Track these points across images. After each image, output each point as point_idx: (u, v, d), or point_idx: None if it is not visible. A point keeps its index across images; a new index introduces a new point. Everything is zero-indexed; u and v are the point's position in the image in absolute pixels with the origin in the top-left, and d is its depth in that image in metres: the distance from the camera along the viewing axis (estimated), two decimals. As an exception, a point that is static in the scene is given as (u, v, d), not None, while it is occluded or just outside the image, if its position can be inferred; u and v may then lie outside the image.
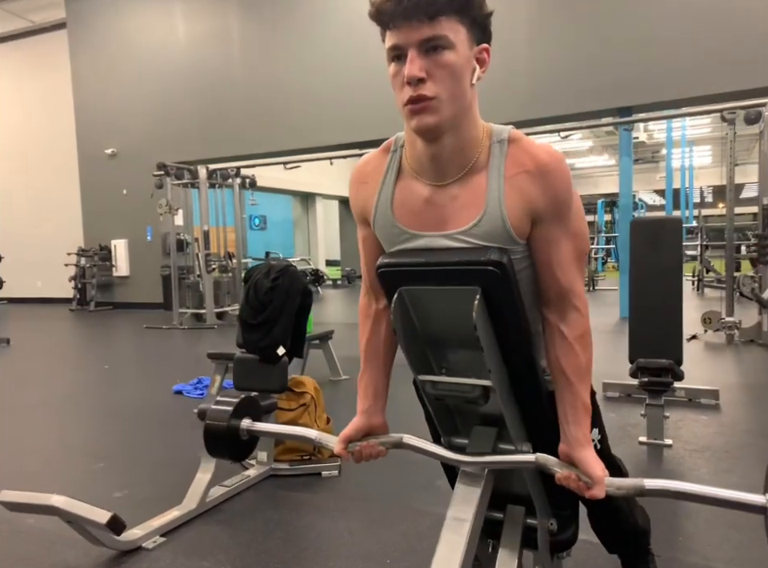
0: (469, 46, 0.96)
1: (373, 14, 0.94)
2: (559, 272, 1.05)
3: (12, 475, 2.75)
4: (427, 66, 0.92)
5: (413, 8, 0.90)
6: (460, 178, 1.02)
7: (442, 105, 0.94)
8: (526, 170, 1.00)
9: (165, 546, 2.02)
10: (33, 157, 11.57)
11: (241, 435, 1.35)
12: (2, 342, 6.56)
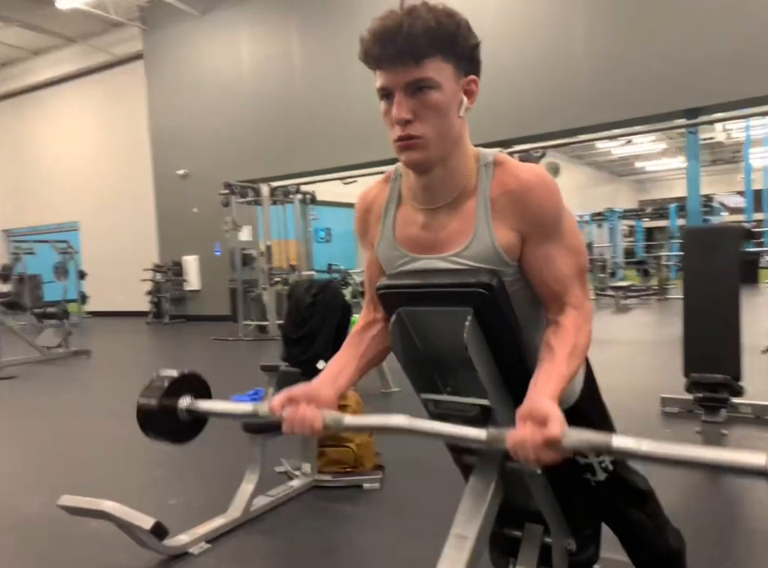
0: (455, 81, 0.99)
1: (361, 57, 0.99)
2: (556, 286, 1.05)
3: (80, 480, 2.96)
4: (414, 106, 0.97)
5: (398, 53, 0.94)
6: (451, 203, 1.06)
7: (429, 142, 0.98)
8: (510, 190, 1.02)
9: (209, 553, 2.12)
10: (112, 180, 12.36)
11: (179, 415, 1.21)
12: (84, 354, 7.03)
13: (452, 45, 0.96)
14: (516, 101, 7.68)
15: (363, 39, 0.97)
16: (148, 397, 1.19)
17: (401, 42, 0.93)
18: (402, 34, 0.93)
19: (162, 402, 1.18)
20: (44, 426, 4.11)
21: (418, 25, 0.93)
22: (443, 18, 0.95)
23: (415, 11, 0.95)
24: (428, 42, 0.93)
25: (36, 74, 13.17)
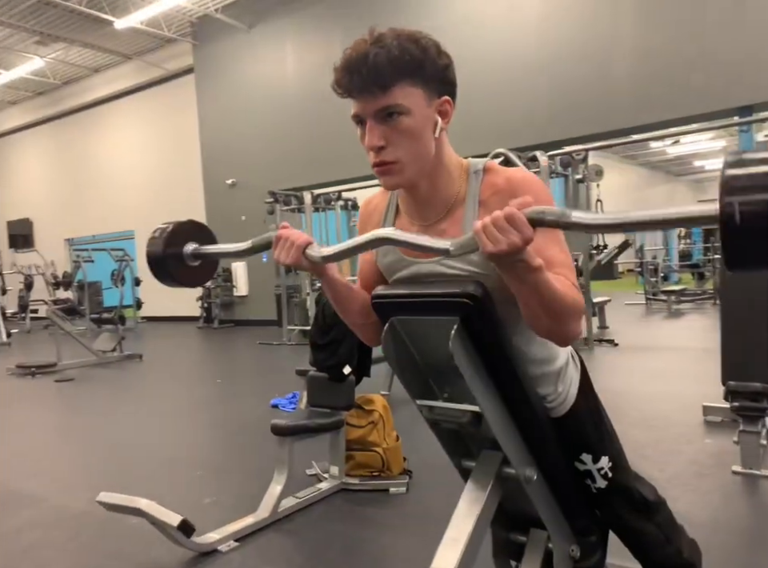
0: (426, 104, 1.02)
1: (333, 86, 1.03)
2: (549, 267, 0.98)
3: (125, 478, 3.11)
4: (385, 132, 1.01)
5: (364, 82, 0.98)
6: (443, 216, 1.10)
7: (404, 166, 1.02)
8: (498, 190, 1.06)
9: (237, 550, 2.20)
10: (165, 190, 12.85)
11: (186, 260, 1.26)
12: (136, 358, 7.34)
13: (418, 70, 0.99)
14: (559, 101, 7.58)
15: (335, 69, 1.01)
16: (154, 245, 1.23)
17: (366, 72, 0.97)
18: (367, 64, 0.96)
19: (168, 248, 1.23)
20: (96, 426, 4.33)
21: (381, 54, 0.97)
22: (408, 45, 0.99)
23: (381, 40, 0.99)
24: (393, 70, 0.97)
25: (95, 90, 13.85)
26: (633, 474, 1.36)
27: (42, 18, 10.90)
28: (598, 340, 6.72)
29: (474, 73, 8.27)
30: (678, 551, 1.41)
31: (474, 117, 8.25)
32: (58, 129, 15.15)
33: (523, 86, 7.88)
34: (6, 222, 16.54)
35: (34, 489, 3.00)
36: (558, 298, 0.96)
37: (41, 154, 15.78)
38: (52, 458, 3.67)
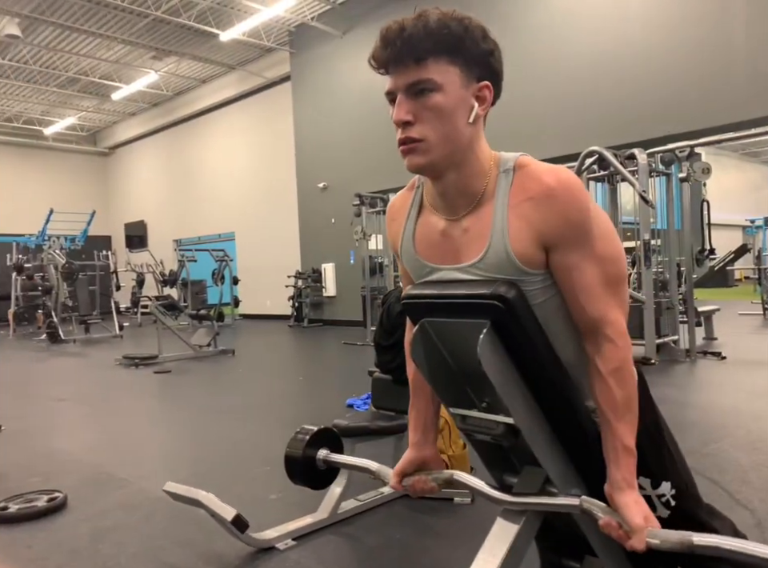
0: (463, 85, 0.96)
1: (371, 63, 0.99)
2: (584, 299, 0.98)
3: (200, 468, 3.23)
4: (415, 108, 0.95)
5: (399, 53, 0.94)
6: (470, 210, 1.02)
7: (431, 146, 0.96)
8: (531, 197, 0.96)
9: (294, 549, 2.20)
10: (262, 194, 13.40)
11: (318, 465, 1.44)
12: (229, 353, 7.68)
13: (458, 47, 0.94)
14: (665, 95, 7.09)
15: (375, 45, 0.98)
16: (293, 449, 1.48)
17: (401, 43, 0.92)
18: (403, 36, 0.92)
19: (305, 454, 1.46)
20: (183, 417, 4.56)
21: (419, 26, 0.92)
22: (450, 21, 0.93)
23: (423, 15, 0.94)
24: (430, 42, 0.92)
25: (203, 100, 14.71)
26: (704, 506, 1.20)
27: (157, 35, 11.71)
28: (702, 352, 6.20)
29: (570, 69, 7.96)
30: None
31: (570, 113, 7.93)
32: (169, 137, 16.25)
33: (624, 80, 7.45)
34: (124, 224, 17.95)
35: (124, 472, 3.18)
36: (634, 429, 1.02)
37: (154, 160, 17.00)
38: (142, 444, 3.89)
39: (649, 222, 5.98)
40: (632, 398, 1.00)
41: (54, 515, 2.59)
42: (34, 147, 17.21)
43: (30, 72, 13.33)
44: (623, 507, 0.96)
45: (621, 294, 1.01)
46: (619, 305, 1.00)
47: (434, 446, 1.27)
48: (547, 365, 1.02)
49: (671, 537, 0.90)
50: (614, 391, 0.98)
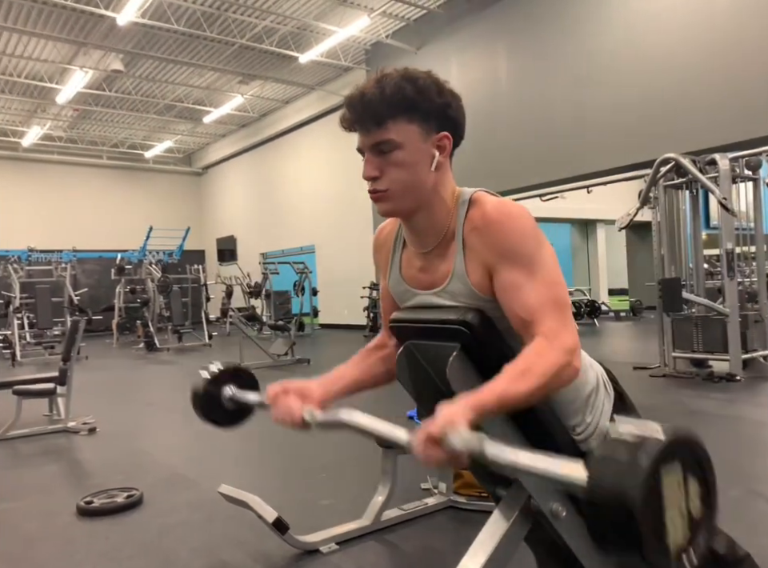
0: (422, 140, 1.06)
1: (341, 124, 1.11)
2: (524, 315, 1.00)
3: (262, 470, 3.44)
4: (380, 164, 1.07)
5: (361, 117, 1.06)
6: (438, 245, 1.12)
7: (393, 195, 1.07)
8: (475, 227, 1.06)
9: (336, 553, 2.32)
10: (339, 208, 13.81)
11: (224, 403, 1.38)
12: (305, 362, 7.98)
13: (413, 107, 1.04)
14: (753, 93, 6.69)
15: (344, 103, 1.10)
16: (196, 385, 1.40)
17: (362, 108, 1.04)
18: (363, 101, 1.04)
19: (206, 390, 1.38)
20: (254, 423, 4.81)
21: (376, 92, 1.03)
22: (405, 84, 1.03)
23: (382, 79, 1.05)
24: (386, 107, 1.03)
25: (286, 120, 15.40)
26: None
27: (243, 61, 12.43)
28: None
29: (645, 72, 7.68)
30: None
31: (645, 120, 7.65)
32: (256, 156, 17.11)
33: (706, 81, 7.10)
34: (216, 239, 19.04)
35: (194, 474, 3.45)
36: (531, 395, 0.96)
37: (243, 178, 17.95)
38: (213, 448, 4.17)
39: (732, 231, 5.66)
40: (542, 376, 0.94)
41: (130, 511, 2.86)
42: (137, 169, 18.68)
43: (132, 101, 14.52)
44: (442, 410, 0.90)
45: (565, 317, 1.00)
46: (565, 325, 0.99)
47: (325, 397, 1.23)
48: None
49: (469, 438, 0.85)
50: (529, 361, 0.95)
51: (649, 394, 5.16)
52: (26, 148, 16.43)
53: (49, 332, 10.75)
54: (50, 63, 11.94)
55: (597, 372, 1.17)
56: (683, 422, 4.18)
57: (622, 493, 0.68)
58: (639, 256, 14.90)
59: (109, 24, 10.27)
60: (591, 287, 15.53)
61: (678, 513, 0.74)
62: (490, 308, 1.06)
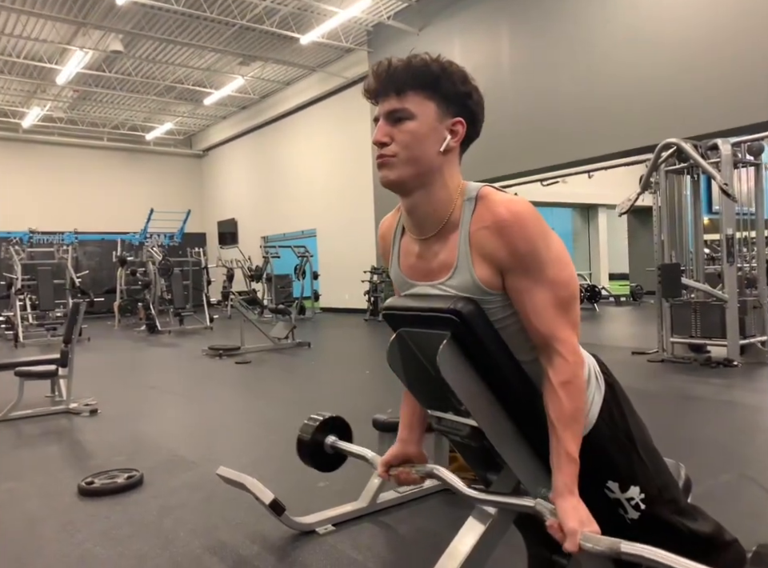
0: (437, 119, 1.08)
1: (364, 94, 1.13)
2: (535, 319, 1.06)
3: (262, 452, 3.48)
4: (391, 132, 1.09)
5: (384, 85, 1.08)
6: (438, 234, 1.13)
7: (400, 163, 1.08)
8: (486, 226, 1.06)
9: (332, 534, 2.36)
10: (341, 192, 13.78)
11: (326, 450, 1.57)
12: (305, 345, 8.03)
13: (434, 84, 1.06)
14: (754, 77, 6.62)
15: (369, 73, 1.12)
16: (303, 432, 1.70)
17: (386, 77, 1.07)
18: (388, 71, 1.07)
19: (313, 438, 1.65)
20: (257, 405, 4.87)
21: (403, 64, 1.06)
22: (432, 63, 1.07)
23: (411, 56, 1.08)
24: (409, 77, 1.05)
25: (287, 102, 15.30)
26: (684, 509, 1.23)
27: (243, 42, 12.32)
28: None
29: (648, 57, 7.60)
30: None
31: (647, 105, 7.59)
32: (257, 139, 17.03)
33: (709, 66, 7.03)
34: (217, 222, 19.02)
35: (194, 456, 3.49)
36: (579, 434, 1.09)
37: (244, 160, 17.88)
38: (214, 430, 4.22)
39: (732, 216, 5.65)
40: (579, 410, 1.06)
41: (130, 491, 2.91)
42: (138, 151, 18.61)
43: (132, 82, 14.42)
44: (562, 512, 1.03)
45: (572, 315, 1.08)
46: (570, 324, 1.07)
47: (419, 444, 1.41)
48: (508, 373, 1.10)
49: (601, 542, 0.97)
50: (563, 402, 1.05)
51: (646, 379, 5.19)
52: (26, 129, 16.36)
53: (51, 314, 10.80)
54: (50, 43, 11.84)
55: (589, 364, 1.19)
56: (680, 407, 4.22)
57: None
58: (640, 241, 14.88)
59: (108, 3, 10.17)
60: (592, 272, 15.52)
61: None
62: (490, 301, 1.07)
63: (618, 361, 5.60)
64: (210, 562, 2.17)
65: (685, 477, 1.42)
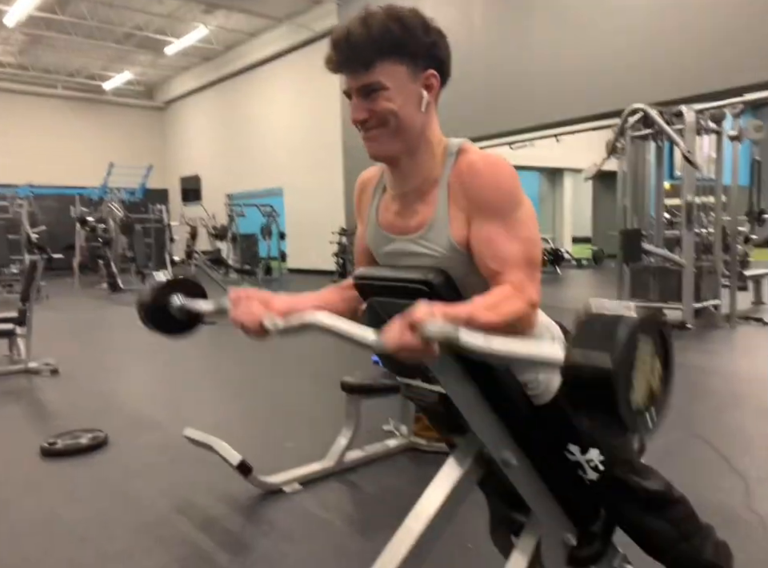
0: (410, 80, 1.05)
1: (325, 64, 1.07)
2: (494, 265, 1.02)
3: (229, 414, 3.50)
4: (369, 106, 1.05)
5: (348, 60, 1.03)
6: (418, 190, 1.12)
7: (387, 136, 1.07)
8: (460, 175, 1.06)
9: (300, 494, 2.41)
10: (309, 150, 13.50)
11: (171, 311, 1.33)
12: (272, 307, 7.98)
13: (401, 47, 1.02)
14: (724, 42, 6.66)
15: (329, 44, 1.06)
16: (144, 295, 1.33)
17: (348, 50, 1.01)
18: (349, 43, 1.01)
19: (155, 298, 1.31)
20: (221, 367, 4.86)
21: (363, 33, 1.00)
22: (391, 23, 1.01)
23: (368, 19, 1.02)
24: (373, 48, 1.00)
25: (252, 54, 14.77)
26: (636, 468, 1.29)
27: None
28: (744, 317, 6.05)
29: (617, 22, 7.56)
30: (697, 550, 1.33)
31: (615, 69, 7.58)
32: (221, 92, 16.47)
33: (675, 32, 7.03)
34: (180, 178, 18.50)
35: (160, 416, 3.49)
36: (493, 328, 0.92)
37: (207, 115, 17.32)
38: (180, 391, 4.21)
39: (693, 183, 5.78)
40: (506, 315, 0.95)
41: (94, 452, 2.90)
42: (96, 102, 17.81)
43: (88, 27, 13.65)
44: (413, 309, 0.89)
45: (534, 276, 1.03)
46: (532, 282, 1.02)
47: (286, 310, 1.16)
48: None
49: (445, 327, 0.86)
50: (497, 298, 0.97)
51: (605, 341, 5.34)
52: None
53: (6, 270, 10.45)
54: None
55: (553, 333, 1.21)
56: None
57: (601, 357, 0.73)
58: (604, 205, 15.09)
59: (59, -59, 9.54)
60: (556, 235, 15.75)
61: (644, 382, 0.79)
62: (463, 261, 1.07)
63: (578, 323, 5.74)
64: (177, 522, 2.20)
65: (639, 438, 1.49)
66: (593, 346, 0.75)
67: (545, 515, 1.31)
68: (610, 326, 0.76)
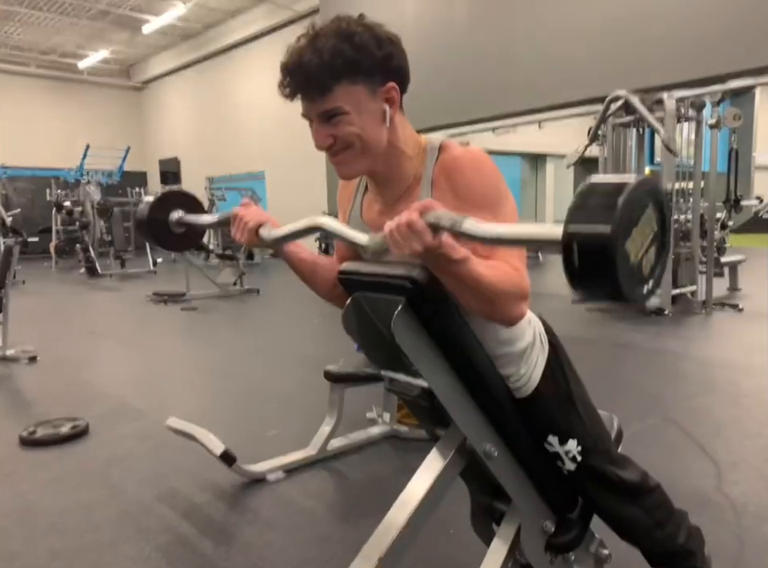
0: (370, 98, 1.04)
1: (281, 92, 1.05)
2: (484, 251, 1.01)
3: (212, 402, 3.50)
4: (332, 131, 1.04)
5: (302, 87, 1.02)
6: (402, 196, 1.12)
7: (353, 157, 1.07)
8: (445, 170, 1.07)
9: (284, 481, 2.43)
10: (290, 133, 13.29)
11: (170, 227, 1.34)
12: (254, 292, 7.95)
13: (355, 67, 1.00)
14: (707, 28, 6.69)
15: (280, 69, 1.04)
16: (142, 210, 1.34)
17: (302, 77, 1.00)
18: (303, 70, 0.99)
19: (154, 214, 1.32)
20: (204, 353, 4.84)
21: (315, 60, 0.98)
22: (342, 44, 0.99)
23: (317, 42, 1.00)
24: (328, 74, 0.99)
25: (232, 34, 14.49)
26: (613, 458, 1.32)
27: (184, -35, 11.47)
28: (720, 304, 6.16)
29: (601, 8, 7.55)
30: (671, 537, 1.37)
31: (598, 55, 7.59)
32: (200, 72, 16.16)
33: (656, 16, 7.05)
34: (159, 161, 18.18)
35: (142, 404, 3.47)
36: (488, 286, 0.97)
37: (186, 95, 17.00)
38: (162, 379, 4.19)
39: (672, 170, 5.84)
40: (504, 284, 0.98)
41: (75, 441, 2.88)
42: (71, 81, 17.35)
43: (61, 4, 13.28)
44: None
45: (523, 262, 1.05)
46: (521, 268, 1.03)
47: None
48: (458, 336, 1.13)
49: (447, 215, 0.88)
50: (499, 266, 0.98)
51: (583, 327, 5.43)
52: (-60, 51, 14.97)
53: (-20, 255, 10.22)
54: (-36, -45, 10.71)
55: (534, 327, 1.23)
56: (613, 354, 4.45)
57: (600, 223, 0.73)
58: (585, 190, 15.18)
59: None
60: (537, 220, 15.84)
61: (642, 250, 0.79)
62: None
63: (558, 310, 5.82)
64: (160, 511, 2.20)
65: (617, 428, 1.52)
66: (591, 212, 0.75)
67: (524, 504, 1.34)
68: (608, 193, 0.75)
